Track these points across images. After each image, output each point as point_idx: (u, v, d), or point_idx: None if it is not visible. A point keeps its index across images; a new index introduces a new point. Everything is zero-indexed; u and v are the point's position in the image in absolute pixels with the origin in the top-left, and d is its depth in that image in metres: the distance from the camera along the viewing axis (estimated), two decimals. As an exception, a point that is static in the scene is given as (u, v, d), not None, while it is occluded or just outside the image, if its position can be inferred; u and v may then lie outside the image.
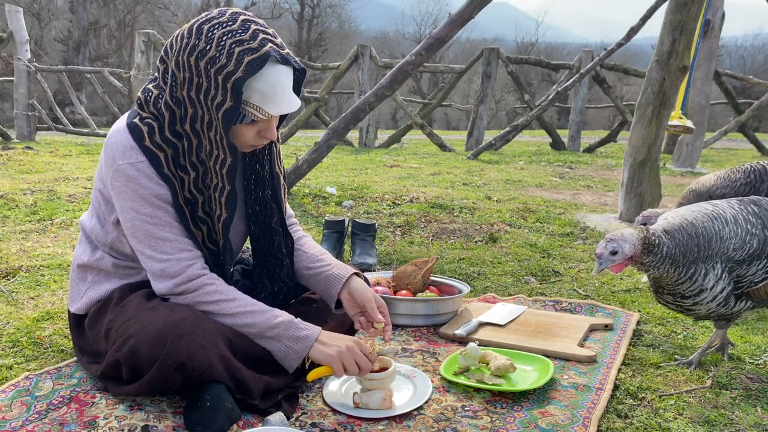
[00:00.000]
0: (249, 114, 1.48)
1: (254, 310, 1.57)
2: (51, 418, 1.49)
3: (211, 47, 1.43)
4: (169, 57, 1.49)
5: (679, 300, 1.76)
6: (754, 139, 10.49)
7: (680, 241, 1.70)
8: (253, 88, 1.45)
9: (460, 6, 4.04)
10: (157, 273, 1.55)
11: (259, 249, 1.74)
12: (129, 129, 1.53)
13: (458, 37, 6.66)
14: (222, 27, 1.45)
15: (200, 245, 1.58)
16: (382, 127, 18.10)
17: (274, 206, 1.72)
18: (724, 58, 28.61)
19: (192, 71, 1.45)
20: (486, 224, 3.82)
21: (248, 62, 1.42)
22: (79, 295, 1.71)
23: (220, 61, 1.42)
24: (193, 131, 1.50)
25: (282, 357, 1.58)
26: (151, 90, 1.55)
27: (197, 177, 1.53)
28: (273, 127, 1.55)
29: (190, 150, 1.52)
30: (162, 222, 1.54)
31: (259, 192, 1.70)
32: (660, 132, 3.83)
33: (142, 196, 1.51)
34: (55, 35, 23.80)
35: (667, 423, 1.56)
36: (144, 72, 8.95)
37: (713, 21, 7.07)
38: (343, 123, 4.31)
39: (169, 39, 1.52)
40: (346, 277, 1.72)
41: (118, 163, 1.51)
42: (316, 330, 1.59)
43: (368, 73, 9.74)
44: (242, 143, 1.55)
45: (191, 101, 1.47)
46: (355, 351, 1.56)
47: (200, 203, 1.56)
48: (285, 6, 29.69)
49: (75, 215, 3.68)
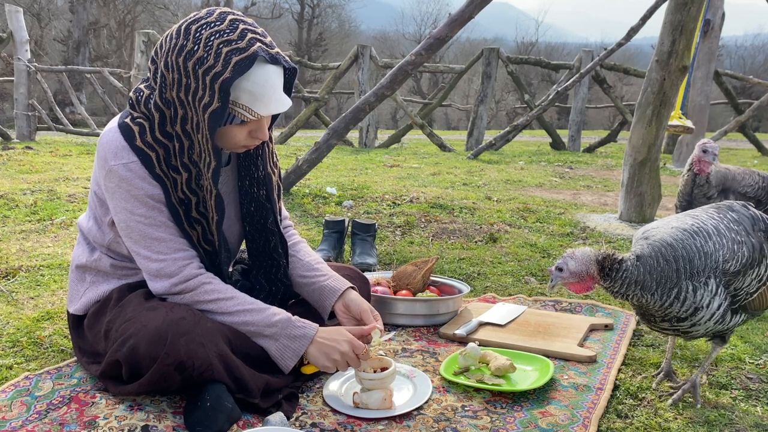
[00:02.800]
0: (238, 115, 1.47)
1: (252, 308, 1.57)
2: (51, 418, 1.49)
3: (198, 48, 1.42)
4: (159, 57, 1.49)
5: (675, 324, 1.64)
6: (754, 139, 10.49)
7: (653, 267, 1.58)
8: (242, 89, 1.44)
9: (460, 6, 4.04)
10: (154, 273, 1.55)
11: (255, 249, 1.74)
12: (120, 129, 1.52)
13: (458, 37, 6.66)
14: (210, 27, 1.44)
15: (195, 245, 1.58)
16: (382, 127, 18.10)
17: (269, 206, 1.72)
18: (724, 58, 28.61)
19: (180, 72, 1.44)
20: (486, 224, 3.82)
21: (236, 62, 1.41)
22: (78, 296, 1.71)
23: (208, 61, 1.42)
24: (183, 132, 1.49)
25: (279, 356, 1.58)
26: (142, 90, 1.55)
27: (190, 178, 1.53)
28: (264, 128, 1.54)
29: (181, 151, 1.51)
30: (156, 222, 1.53)
31: (254, 193, 1.70)
32: (660, 132, 3.83)
33: (136, 196, 1.51)
34: (55, 35, 23.79)
35: (667, 423, 1.56)
36: (144, 72, 8.95)
37: (713, 21, 7.07)
38: (343, 123, 4.31)
39: (160, 39, 1.51)
40: (342, 291, 1.73)
41: (110, 163, 1.51)
42: (313, 328, 1.59)
43: (368, 73, 9.74)
44: (234, 144, 1.54)
45: (180, 102, 1.47)
46: (348, 356, 1.57)
47: (194, 204, 1.55)
48: (285, 6, 29.70)
49: (75, 215, 3.68)
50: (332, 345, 1.57)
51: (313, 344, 1.57)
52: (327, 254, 2.90)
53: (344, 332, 1.60)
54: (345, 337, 1.59)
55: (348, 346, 1.57)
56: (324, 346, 1.57)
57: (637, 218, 3.94)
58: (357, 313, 1.71)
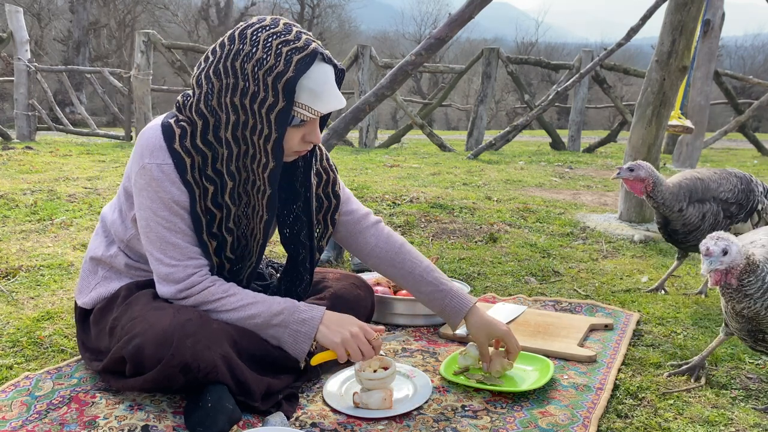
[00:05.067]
0: (298, 115, 1.47)
1: (256, 300, 1.58)
2: (51, 418, 1.49)
3: (257, 50, 1.43)
4: (204, 66, 1.49)
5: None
6: (754, 139, 10.49)
7: None
8: (303, 87, 1.45)
9: (460, 6, 4.04)
10: (163, 276, 1.56)
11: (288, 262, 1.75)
12: (162, 128, 1.52)
13: (458, 37, 6.66)
14: (266, 30, 1.45)
15: (210, 255, 1.58)
16: (382, 127, 18.10)
17: (305, 219, 1.71)
18: (724, 58, 28.60)
19: (237, 76, 1.44)
20: (486, 224, 3.82)
21: (298, 61, 1.42)
22: (87, 289, 1.71)
23: (269, 62, 1.42)
24: (234, 138, 1.48)
25: (292, 342, 1.58)
26: (189, 95, 1.55)
27: (234, 186, 1.52)
28: (317, 131, 1.54)
29: (229, 158, 1.50)
30: (176, 228, 1.54)
31: (291, 205, 1.70)
32: (660, 132, 3.82)
33: (162, 199, 1.51)
34: (55, 35, 23.79)
35: (667, 423, 1.56)
36: (144, 72, 8.94)
37: (713, 21, 7.07)
38: (343, 123, 4.31)
39: (207, 50, 1.52)
40: (473, 303, 1.78)
41: (144, 161, 1.50)
42: (319, 310, 1.59)
43: (368, 73, 9.74)
44: (288, 149, 1.53)
45: (234, 107, 1.45)
46: (360, 338, 1.56)
47: (232, 212, 1.55)
48: (285, 6, 29.69)
49: (75, 215, 3.68)
50: (343, 323, 1.58)
51: (323, 324, 1.57)
52: (327, 254, 2.90)
53: (354, 318, 1.61)
54: (355, 321, 1.60)
55: (359, 328, 1.57)
56: (334, 324, 1.57)
57: (636, 218, 3.94)
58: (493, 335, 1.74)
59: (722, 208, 2.41)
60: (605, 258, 3.19)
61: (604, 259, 3.17)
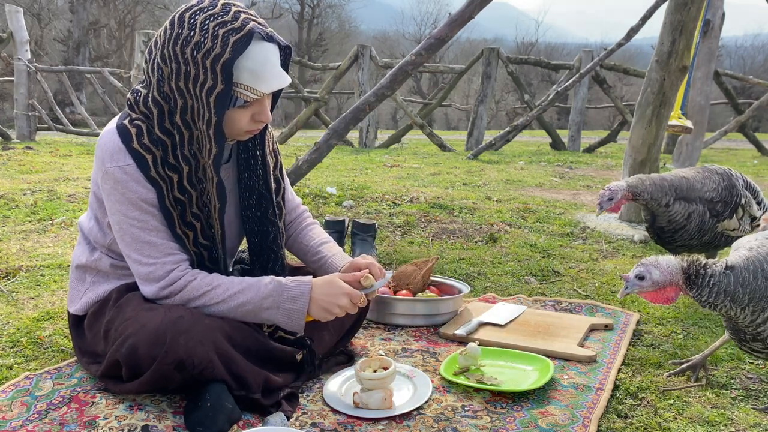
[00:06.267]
0: (241, 96, 1.48)
1: (242, 287, 1.57)
2: (51, 418, 1.49)
3: (194, 33, 1.43)
4: (155, 51, 1.50)
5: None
6: (754, 139, 10.49)
7: (746, 280, 1.51)
8: (242, 68, 1.45)
9: (460, 6, 4.04)
10: (143, 276, 1.56)
11: (255, 245, 1.74)
12: (118, 131, 1.52)
13: (458, 37, 6.66)
14: (203, 12, 1.45)
15: (188, 247, 1.58)
16: (382, 127, 18.10)
17: (268, 195, 1.72)
18: (724, 58, 28.61)
19: (179, 60, 1.45)
20: (486, 224, 3.82)
21: (234, 42, 1.43)
22: (78, 296, 1.71)
23: (206, 45, 1.42)
24: (184, 123, 1.50)
25: (287, 321, 1.59)
26: (140, 90, 1.55)
27: (191, 171, 1.53)
28: (266, 109, 1.54)
29: (182, 143, 1.51)
30: (149, 226, 1.54)
31: (253, 184, 1.70)
32: (660, 132, 3.82)
33: (130, 199, 1.51)
34: (55, 35, 23.78)
35: (667, 423, 1.56)
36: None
37: (713, 21, 7.06)
38: (343, 123, 4.30)
39: (153, 37, 1.52)
40: (348, 261, 1.79)
41: (106, 165, 1.51)
42: (306, 284, 1.59)
43: (368, 73, 9.74)
44: (238, 130, 1.54)
45: (180, 92, 1.47)
46: (348, 308, 1.60)
47: (194, 198, 1.55)
48: (285, 6, 29.70)
49: (75, 215, 3.68)
50: (331, 300, 1.59)
51: (313, 303, 1.58)
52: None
53: (339, 283, 1.61)
54: (341, 290, 1.59)
55: (346, 299, 1.59)
56: (323, 302, 1.58)
57: (636, 218, 3.94)
58: (364, 265, 1.72)
59: (708, 208, 2.41)
60: (605, 258, 3.19)
61: (604, 259, 3.17)
